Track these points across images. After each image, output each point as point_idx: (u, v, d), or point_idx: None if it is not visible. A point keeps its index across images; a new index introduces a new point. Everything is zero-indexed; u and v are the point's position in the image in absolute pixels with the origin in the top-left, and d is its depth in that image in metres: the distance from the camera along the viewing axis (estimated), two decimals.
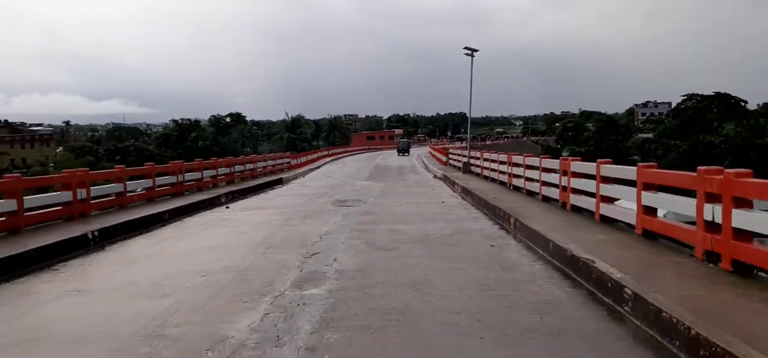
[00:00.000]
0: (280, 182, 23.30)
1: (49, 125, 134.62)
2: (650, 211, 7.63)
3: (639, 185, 7.74)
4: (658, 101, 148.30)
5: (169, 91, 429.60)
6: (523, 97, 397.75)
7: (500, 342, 4.58)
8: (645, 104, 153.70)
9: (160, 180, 15.54)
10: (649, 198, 7.55)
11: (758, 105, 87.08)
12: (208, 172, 18.97)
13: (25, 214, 10.07)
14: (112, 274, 7.47)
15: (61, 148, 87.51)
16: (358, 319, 5.18)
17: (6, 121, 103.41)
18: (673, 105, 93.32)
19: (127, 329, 5.06)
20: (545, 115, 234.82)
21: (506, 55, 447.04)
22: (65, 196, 11.32)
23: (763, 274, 5.47)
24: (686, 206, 6.55)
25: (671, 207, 7.45)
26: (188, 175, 17.39)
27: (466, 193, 16.27)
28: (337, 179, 25.67)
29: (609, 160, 9.47)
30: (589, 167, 9.76)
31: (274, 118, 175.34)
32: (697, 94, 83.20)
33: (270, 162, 27.40)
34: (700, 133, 61.30)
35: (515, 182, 15.49)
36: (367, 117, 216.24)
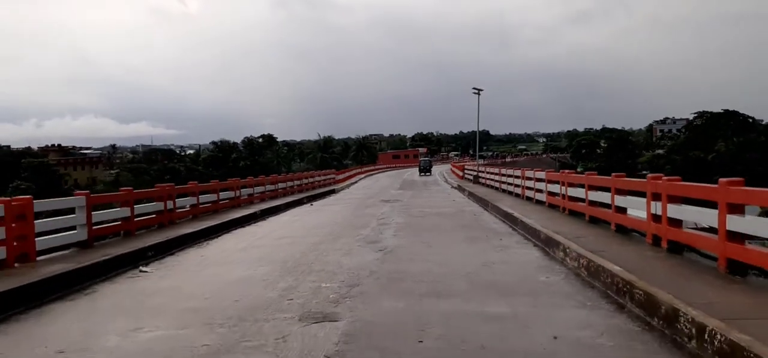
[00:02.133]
0: (333, 192, 31.39)
1: (96, 148, 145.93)
2: (574, 199, 15.25)
3: (586, 187, 14.76)
4: (676, 118, 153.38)
5: (196, 112, 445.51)
6: (546, 114, 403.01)
7: (458, 225, 12.36)
8: (663, 121, 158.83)
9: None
10: (591, 193, 15.19)
11: None
12: (284, 185, 27.05)
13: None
14: (267, 231, 15.43)
15: (117, 170, 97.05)
16: (410, 232, 13.01)
17: (59, 144, 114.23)
18: None
19: (277, 259, 12.92)
20: (568, 131, 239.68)
21: (530, 72, 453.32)
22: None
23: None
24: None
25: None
26: (269, 187, 24.86)
27: (471, 195, 24.12)
28: (376, 189, 33.70)
29: (592, 173, 17.17)
30: (540, 175, 17.47)
31: (299, 138, 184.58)
32: (708, 112, 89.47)
33: (322, 177, 35.57)
34: (701, 150, 67.71)
35: (504, 186, 23.25)
36: (391, 136, 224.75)
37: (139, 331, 5.85)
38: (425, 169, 62.71)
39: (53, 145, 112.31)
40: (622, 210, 10.08)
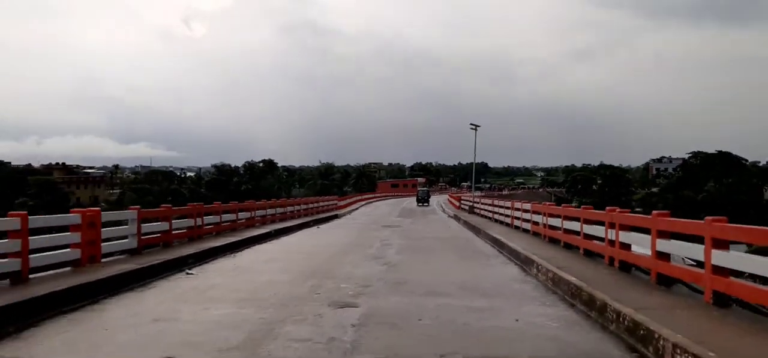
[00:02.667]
0: (337, 217, 33.38)
1: (98, 168, 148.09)
2: (538, 223, 17.29)
3: (563, 217, 17.31)
4: (672, 157, 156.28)
5: (197, 135, 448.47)
6: (544, 148, 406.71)
7: (451, 248, 14.35)
8: (660, 159, 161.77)
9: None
10: (562, 220, 17.26)
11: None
12: (292, 208, 29.05)
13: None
14: (279, 249, 17.41)
15: (119, 190, 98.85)
16: (410, 251, 14.99)
17: (63, 163, 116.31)
18: None
19: (294, 270, 14.91)
20: (566, 167, 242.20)
21: (530, 107, 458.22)
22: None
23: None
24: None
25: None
26: (279, 210, 26.97)
27: (465, 223, 26.15)
28: (377, 216, 35.71)
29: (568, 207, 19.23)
30: (526, 206, 19.52)
31: (297, 164, 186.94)
32: (702, 152, 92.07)
33: (326, 203, 37.60)
34: (691, 189, 69.99)
35: (496, 216, 25.28)
36: (390, 164, 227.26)
37: (208, 310, 7.83)
38: (423, 200, 60.92)
39: (57, 164, 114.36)
40: (590, 237, 12.10)
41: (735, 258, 6.95)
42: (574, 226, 13.02)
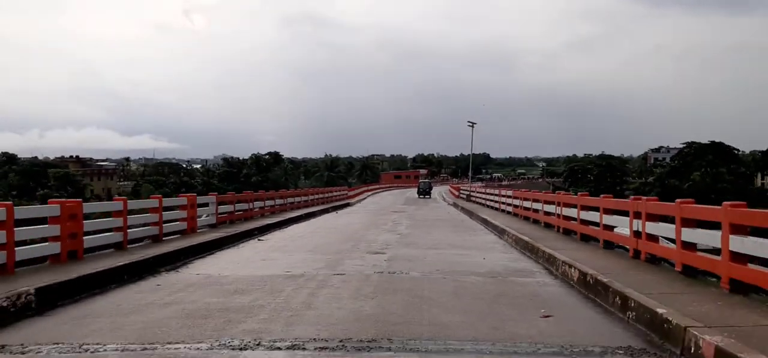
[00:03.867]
0: (349, 204, 38.12)
1: (105, 159, 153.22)
2: (527, 208, 22.00)
3: (532, 200, 22.10)
4: (670, 147, 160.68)
5: (198, 127, 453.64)
6: (547, 138, 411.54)
7: (448, 225, 19.06)
8: (658, 149, 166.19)
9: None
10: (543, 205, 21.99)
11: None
12: (312, 197, 33.74)
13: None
14: (304, 228, 22.13)
15: (133, 181, 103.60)
16: (416, 227, 19.69)
17: (77, 156, 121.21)
18: None
19: (334, 237, 19.61)
20: (568, 157, 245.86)
21: (532, 97, 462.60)
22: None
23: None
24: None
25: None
26: (303, 198, 31.77)
27: (462, 209, 30.87)
28: (384, 204, 40.47)
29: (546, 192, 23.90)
30: (508, 193, 24.19)
31: (300, 155, 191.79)
32: (696, 143, 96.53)
33: (338, 193, 42.36)
34: (679, 179, 74.51)
35: (488, 203, 29.99)
36: (393, 156, 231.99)
37: (292, 256, 12.51)
38: (424, 192, 56.78)
39: (71, 157, 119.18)
40: (548, 213, 16.79)
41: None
42: (537, 206, 17.76)
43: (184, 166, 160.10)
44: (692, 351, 5.12)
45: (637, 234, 9.89)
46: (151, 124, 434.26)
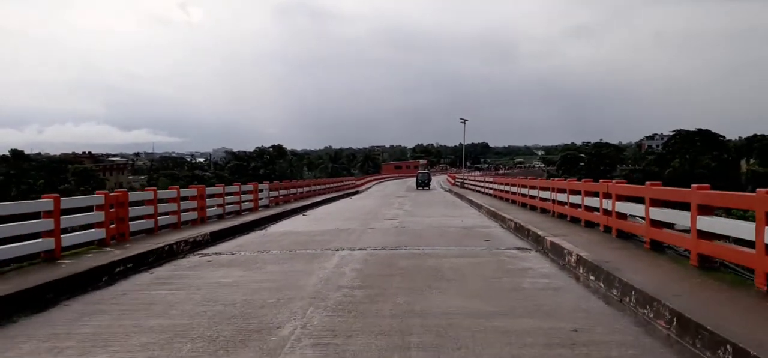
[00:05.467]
0: (358, 192, 44.35)
1: (103, 154, 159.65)
2: (500, 190, 28.18)
3: (507, 184, 28.28)
4: (663, 134, 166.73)
5: (197, 120, 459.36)
6: (546, 127, 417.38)
7: (442, 205, 25.25)
8: (652, 136, 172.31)
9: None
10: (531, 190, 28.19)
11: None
12: (328, 186, 39.87)
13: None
14: (325, 211, 28.35)
15: (144, 176, 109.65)
16: (418, 207, 25.86)
17: (90, 152, 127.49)
18: None
19: (357, 213, 25.81)
20: (566, 145, 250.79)
21: (531, 85, 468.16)
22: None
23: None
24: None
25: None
26: (321, 187, 38.00)
27: (455, 194, 37.12)
28: (389, 191, 46.70)
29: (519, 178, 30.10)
30: (490, 180, 30.35)
31: (299, 147, 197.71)
32: (684, 130, 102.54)
33: (348, 182, 48.60)
34: (659, 166, 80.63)
35: (477, 188, 36.19)
36: (392, 147, 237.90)
37: (334, 222, 18.68)
38: (423, 184, 54.05)
39: (85, 153, 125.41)
40: (514, 193, 22.94)
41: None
42: (509, 188, 23.99)
43: (188, 159, 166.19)
44: (547, 246, 11.32)
45: (549, 201, 16.08)
46: (149, 118, 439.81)
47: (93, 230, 11.04)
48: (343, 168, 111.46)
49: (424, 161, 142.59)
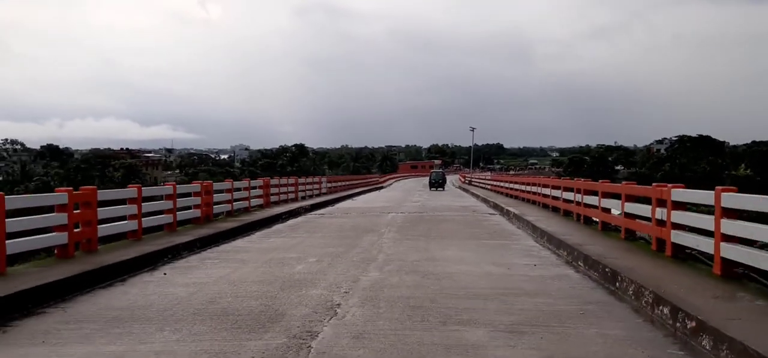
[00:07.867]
0: (383, 188, 53.31)
1: (124, 150, 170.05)
2: (495, 186, 36.91)
3: (508, 182, 36.99)
4: (672, 138, 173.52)
5: (215, 117, 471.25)
6: (561, 128, 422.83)
7: (451, 196, 34.07)
8: (662, 141, 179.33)
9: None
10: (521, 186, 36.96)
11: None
12: (358, 181, 48.75)
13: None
14: (357, 202, 37.33)
15: (177, 170, 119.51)
16: (433, 198, 34.69)
17: (128, 149, 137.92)
18: None
19: (391, 201, 34.72)
20: (581, 147, 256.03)
21: (547, 87, 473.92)
22: (336, 184, 40.50)
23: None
24: (526, 188, 35.58)
25: (526, 189, 36.38)
26: (353, 182, 46.81)
27: (464, 190, 45.97)
28: (408, 188, 55.62)
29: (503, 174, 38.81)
30: (488, 176, 39.07)
31: (315, 145, 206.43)
32: (687, 136, 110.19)
33: (373, 179, 57.63)
34: (656, 170, 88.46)
35: (481, 185, 44.93)
36: (408, 147, 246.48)
37: (375, 203, 27.63)
38: (436, 184, 51.60)
39: (123, 149, 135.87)
40: (506, 188, 31.63)
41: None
42: (502, 184, 32.81)
43: (213, 156, 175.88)
44: (505, 212, 20.20)
45: (520, 191, 24.90)
46: (168, 115, 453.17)
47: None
48: (364, 167, 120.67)
49: (438, 161, 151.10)
